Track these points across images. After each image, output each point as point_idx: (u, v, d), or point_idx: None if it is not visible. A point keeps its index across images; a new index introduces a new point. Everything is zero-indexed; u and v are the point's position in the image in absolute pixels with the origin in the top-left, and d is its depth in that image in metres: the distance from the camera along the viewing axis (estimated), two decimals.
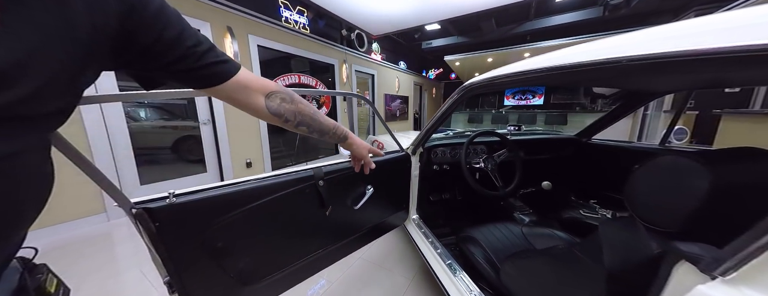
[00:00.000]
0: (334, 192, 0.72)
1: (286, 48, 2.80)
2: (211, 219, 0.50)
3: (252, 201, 0.55)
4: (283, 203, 0.61)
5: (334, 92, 0.91)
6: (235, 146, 2.38)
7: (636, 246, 0.38)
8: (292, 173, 0.64)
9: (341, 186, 0.75)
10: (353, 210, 0.79)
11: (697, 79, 0.72)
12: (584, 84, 0.70)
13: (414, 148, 1.05)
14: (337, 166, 0.73)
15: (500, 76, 0.60)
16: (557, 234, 0.84)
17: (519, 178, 1.07)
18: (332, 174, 0.71)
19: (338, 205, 0.75)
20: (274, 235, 0.62)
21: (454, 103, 0.82)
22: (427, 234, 1.01)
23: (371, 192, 0.83)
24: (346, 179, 0.76)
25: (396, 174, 1.00)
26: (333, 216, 0.74)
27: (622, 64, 0.37)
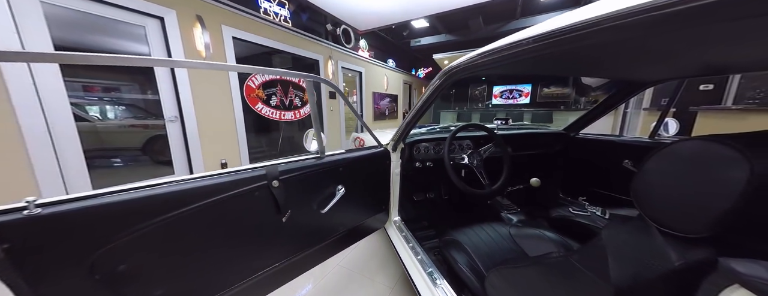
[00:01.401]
0: (293, 195, 0.61)
1: (266, 41, 2.64)
2: (109, 235, 0.37)
3: (176, 209, 0.43)
4: (223, 209, 0.49)
5: (291, 73, 0.74)
6: (208, 145, 2.20)
7: (650, 257, 0.30)
8: (237, 172, 0.52)
9: (303, 186, 0.64)
10: (320, 214, 0.68)
11: (687, 66, 0.66)
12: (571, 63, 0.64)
13: (394, 143, 0.95)
14: (297, 164, 0.61)
15: (483, 52, 0.51)
16: (547, 235, 0.77)
17: (506, 175, 1.00)
18: (290, 174, 0.60)
19: (300, 209, 0.64)
20: (210, 250, 0.50)
21: (435, 91, 0.72)
22: (408, 238, 0.91)
23: (342, 192, 0.73)
24: (310, 178, 0.65)
25: (373, 173, 0.90)
26: (293, 223, 0.62)
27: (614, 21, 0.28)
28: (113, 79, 1.88)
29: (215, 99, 2.24)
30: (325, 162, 0.68)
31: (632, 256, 0.31)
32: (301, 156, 0.67)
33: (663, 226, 0.28)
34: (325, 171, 0.66)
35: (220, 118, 2.28)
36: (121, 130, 1.97)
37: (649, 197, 0.30)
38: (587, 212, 0.99)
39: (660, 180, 0.30)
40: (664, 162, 0.30)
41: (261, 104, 2.70)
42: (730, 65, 0.67)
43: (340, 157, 0.73)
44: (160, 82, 1.89)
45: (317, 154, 0.69)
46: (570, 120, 1.35)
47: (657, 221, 0.29)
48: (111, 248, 0.37)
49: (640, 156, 1.12)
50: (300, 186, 0.63)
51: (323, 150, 0.69)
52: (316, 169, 0.64)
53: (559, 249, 0.71)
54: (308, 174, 0.64)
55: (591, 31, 0.31)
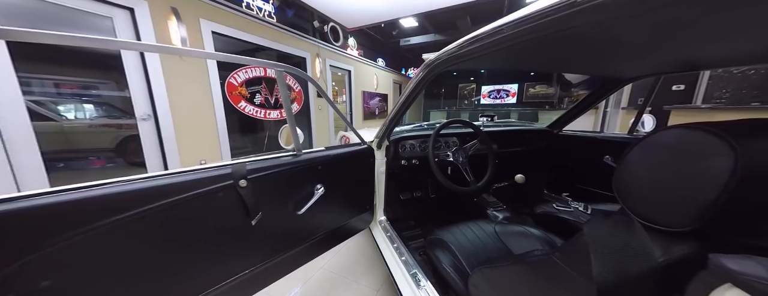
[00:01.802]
0: (265, 195, 0.56)
1: (249, 37, 2.54)
2: (31, 244, 0.32)
3: (118, 213, 0.38)
4: (180, 213, 0.44)
5: (257, 61, 0.65)
6: (186, 145, 2.08)
7: (633, 253, 0.28)
8: (197, 171, 0.47)
9: (277, 186, 0.59)
10: (297, 215, 0.64)
11: (664, 62, 0.67)
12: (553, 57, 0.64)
13: (378, 140, 0.92)
14: (270, 162, 0.57)
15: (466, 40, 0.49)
16: (531, 232, 0.76)
17: (491, 172, 0.99)
18: (261, 173, 0.55)
19: (274, 211, 0.59)
20: (165, 259, 0.45)
21: (419, 84, 0.69)
22: (393, 239, 0.88)
23: (322, 192, 0.69)
24: (285, 177, 0.60)
25: (356, 171, 0.86)
26: (265, 226, 0.57)
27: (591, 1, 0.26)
28: (83, 75, 1.74)
29: (193, 96, 2.12)
30: (302, 161, 0.64)
31: (614, 252, 0.30)
32: (275, 154, 0.62)
33: (646, 220, 0.27)
34: (302, 169, 0.61)
35: (199, 117, 2.17)
36: (92, 130, 1.84)
37: (631, 190, 0.29)
38: (570, 208, 1.00)
39: (642, 172, 0.28)
40: (646, 153, 0.28)
41: (244, 102, 2.60)
42: (705, 61, 0.68)
43: (319, 155, 0.69)
44: (130, 76, 1.76)
45: (293, 152, 0.64)
46: (554, 119, 1.37)
47: (640, 215, 0.27)
48: (31, 260, 0.32)
49: (620, 152, 1.16)
50: (273, 186, 0.58)
51: (300, 148, 0.65)
52: (292, 168, 0.59)
53: (543, 245, 0.71)
54: (283, 173, 0.59)
55: (570, 13, 0.29)
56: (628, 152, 0.30)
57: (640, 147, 0.29)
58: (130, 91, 1.78)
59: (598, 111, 4.33)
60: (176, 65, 1.97)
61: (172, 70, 1.94)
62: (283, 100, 0.59)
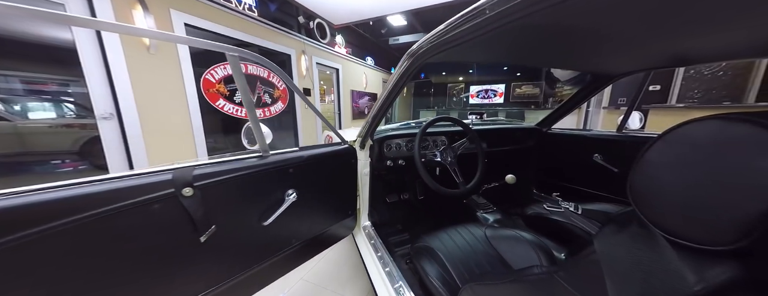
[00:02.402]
0: (219, 205, 0.47)
1: (228, 31, 2.39)
2: None
3: (12, 232, 0.28)
4: (100, 233, 0.35)
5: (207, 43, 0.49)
6: (155, 147, 1.91)
7: (659, 278, 0.22)
8: (125, 178, 0.38)
9: (236, 194, 0.51)
10: (262, 227, 0.55)
11: (652, 57, 0.66)
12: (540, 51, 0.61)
13: (361, 140, 0.84)
14: (226, 165, 0.48)
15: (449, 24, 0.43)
16: (523, 236, 0.72)
17: (481, 172, 0.94)
18: (214, 179, 0.46)
19: (232, 223, 0.50)
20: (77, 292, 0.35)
21: (402, 77, 0.63)
22: (378, 247, 0.81)
23: (293, 198, 0.60)
24: (247, 183, 0.51)
25: (336, 173, 0.78)
26: (221, 242, 0.48)
27: None
28: (38, 70, 1.55)
29: (163, 93, 1.96)
30: (268, 163, 0.55)
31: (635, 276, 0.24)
32: (234, 156, 0.53)
33: (673, 235, 0.21)
34: (268, 173, 0.53)
35: (171, 116, 2.01)
36: (53, 131, 1.65)
37: (651, 197, 0.23)
38: (561, 208, 0.97)
39: (666, 174, 0.23)
40: (671, 151, 0.23)
41: (223, 100, 2.44)
42: (695, 55, 0.67)
43: (290, 156, 0.60)
44: (88, 69, 1.59)
45: (259, 153, 0.56)
46: (540, 118, 1.36)
47: (664, 228, 0.22)
48: None
49: (610, 150, 1.16)
50: (231, 194, 0.49)
51: (266, 148, 0.56)
52: (256, 171, 0.51)
53: (535, 251, 0.66)
54: (244, 178, 0.51)
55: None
56: (647, 149, 0.25)
57: (663, 143, 0.24)
58: (88, 86, 1.60)
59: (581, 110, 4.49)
60: (143, 59, 1.81)
61: (139, 64, 1.77)
62: (241, 91, 0.50)
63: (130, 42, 1.73)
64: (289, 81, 0.59)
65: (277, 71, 0.55)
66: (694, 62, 0.70)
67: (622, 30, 0.42)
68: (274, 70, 0.54)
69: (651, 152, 0.25)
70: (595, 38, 0.52)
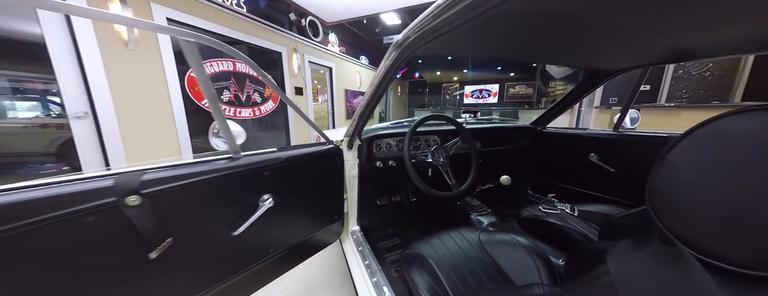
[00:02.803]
0: (176, 215, 0.41)
1: (213, 27, 2.30)
2: None
3: None
4: (15, 254, 0.28)
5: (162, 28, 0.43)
6: (135, 148, 1.82)
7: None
8: (58, 184, 0.31)
9: (197, 201, 0.45)
10: (231, 237, 0.49)
11: (651, 52, 0.63)
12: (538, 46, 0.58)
13: (348, 139, 0.79)
14: (184, 169, 0.42)
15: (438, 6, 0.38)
16: (518, 241, 0.67)
17: (475, 174, 0.89)
18: (168, 184, 0.40)
19: (194, 235, 0.44)
20: None
21: (390, 70, 0.57)
22: (366, 254, 0.75)
23: (270, 204, 0.55)
24: (212, 188, 0.46)
25: (321, 176, 0.73)
26: (180, 257, 0.42)
27: None
28: (5, 67, 1.44)
29: (144, 91, 1.86)
30: (239, 165, 0.50)
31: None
32: (200, 158, 0.47)
33: (707, 255, 0.17)
34: (239, 176, 0.47)
35: (153, 115, 1.91)
36: (28, 131, 1.54)
37: (678, 207, 0.19)
38: (557, 210, 0.94)
39: (698, 179, 0.19)
40: (702, 152, 0.19)
41: None
42: (695, 50, 0.64)
43: (265, 158, 0.55)
44: (58, 65, 1.49)
45: (229, 155, 0.50)
46: (534, 117, 1.33)
47: (696, 246, 0.18)
48: None
49: (606, 150, 1.14)
50: (193, 201, 0.43)
51: (236, 149, 0.50)
52: (225, 175, 0.45)
53: (532, 257, 0.62)
54: (210, 183, 0.45)
55: None
56: (670, 150, 0.20)
57: (692, 142, 0.20)
58: (58, 83, 1.50)
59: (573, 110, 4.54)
60: (121, 55, 1.71)
61: (116, 60, 1.68)
62: (200, 83, 0.44)
63: (106, 37, 1.63)
64: (260, 70, 0.53)
65: (246, 60, 0.49)
66: (694, 57, 0.67)
67: (621, 22, 0.40)
68: (243, 59, 0.48)
69: (675, 153, 0.21)
70: (592, 32, 0.49)
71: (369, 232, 0.91)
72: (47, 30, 1.44)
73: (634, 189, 0.95)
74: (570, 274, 0.56)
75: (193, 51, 0.41)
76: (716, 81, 2.92)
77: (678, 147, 0.21)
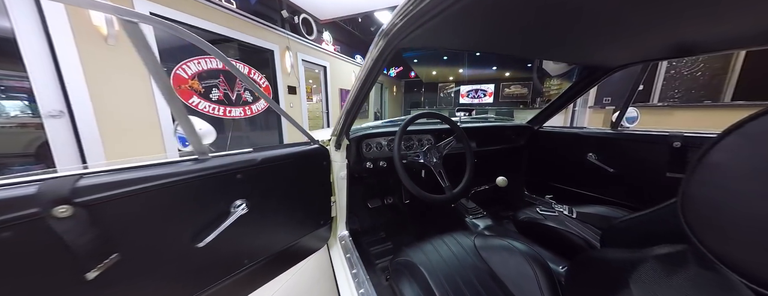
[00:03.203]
0: (124, 227, 0.35)
1: (201, 23, 2.22)
2: None
3: None
4: None
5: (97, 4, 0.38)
6: (117, 149, 1.73)
7: None
8: None
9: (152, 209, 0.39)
10: (196, 249, 0.43)
11: (653, 46, 0.61)
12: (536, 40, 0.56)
13: (336, 139, 0.74)
14: (136, 173, 0.36)
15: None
16: (515, 247, 0.63)
17: (469, 175, 0.85)
18: (112, 191, 0.34)
19: (147, 249, 0.39)
20: None
21: (377, 62, 0.52)
22: (353, 262, 0.70)
23: (244, 210, 0.49)
24: (171, 194, 0.40)
25: (304, 178, 0.68)
26: (127, 275, 0.36)
27: None
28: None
29: (126, 89, 1.78)
30: (206, 168, 0.44)
31: None
32: (163, 158, 0.42)
33: (759, 282, 0.13)
34: (206, 180, 0.42)
35: (135, 114, 1.82)
36: (4, 131, 1.46)
37: (724, 222, 0.15)
38: (554, 212, 0.91)
39: (751, 187, 0.14)
40: (755, 150, 0.14)
41: (197, 98, 2.26)
42: (699, 44, 0.61)
43: (238, 159, 0.49)
44: (30, 60, 1.40)
45: (194, 156, 0.45)
46: (529, 117, 1.29)
47: (750, 274, 0.13)
48: None
49: (604, 149, 1.11)
50: (147, 210, 0.38)
51: (203, 149, 0.45)
52: (188, 179, 0.40)
53: (530, 263, 0.58)
54: (169, 188, 0.39)
55: None
56: (710, 149, 0.16)
57: (743, 137, 0.15)
58: (30, 79, 1.41)
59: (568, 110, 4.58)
60: (100, 51, 1.63)
61: (95, 56, 1.59)
62: (151, 72, 0.39)
63: (83, 31, 1.55)
64: (225, 59, 0.48)
65: (210, 49, 0.43)
66: (697, 52, 0.64)
67: (622, 14, 0.38)
68: (209, 48, 0.43)
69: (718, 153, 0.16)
70: (592, 24, 0.46)
71: (359, 237, 0.87)
72: (17, 23, 1.35)
73: (634, 190, 0.92)
74: (572, 285, 0.52)
75: (137, 33, 0.36)
76: (707, 81, 2.96)
77: (721, 145, 0.16)
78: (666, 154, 0.79)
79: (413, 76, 7.15)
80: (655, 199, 0.45)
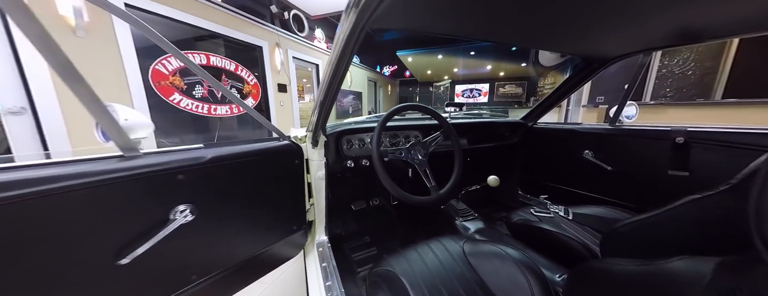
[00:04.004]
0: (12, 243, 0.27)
1: (182, 16, 2.11)
2: None
3: None
4: None
5: None
6: (83, 145, 1.61)
7: None
8: None
9: (55, 220, 0.31)
10: (121, 267, 0.35)
11: (655, 34, 0.56)
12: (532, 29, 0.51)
13: (312, 135, 0.66)
14: (27, 172, 0.28)
15: None
16: (508, 254, 0.57)
17: (458, 174, 0.78)
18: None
19: (47, 270, 0.31)
20: None
21: (350, 37, 0.42)
22: (329, 272, 0.63)
23: (188, 217, 0.41)
24: (84, 200, 0.32)
25: (272, 178, 0.60)
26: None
27: None
28: None
29: (98, 85, 1.65)
30: (136, 167, 0.37)
31: None
32: (79, 155, 0.34)
33: None
34: (136, 182, 0.34)
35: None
36: None
37: None
38: (550, 213, 0.85)
39: None
40: None
41: (179, 95, 2.16)
42: (701, 31, 0.57)
43: (181, 157, 0.42)
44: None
45: (119, 153, 0.37)
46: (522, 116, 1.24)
47: None
48: None
49: (602, 146, 1.06)
50: (42, 221, 0.30)
51: (131, 145, 0.37)
52: (111, 180, 0.32)
53: (524, 273, 0.52)
54: (84, 192, 0.32)
55: None
56: None
57: None
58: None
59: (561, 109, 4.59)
60: (69, 44, 1.52)
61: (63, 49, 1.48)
62: (49, 61, 0.31)
63: (48, 22, 1.43)
64: (175, 50, 0.40)
65: (152, 34, 0.36)
66: (702, 39, 0.59)
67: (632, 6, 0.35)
68: (150, 33, 0.35)
69: None
70: (589, 9, 0.42)
71: (342, 242, 0.79)
72: None
73: (633, 189, 0.87)
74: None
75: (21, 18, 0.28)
76: (698, 80, 2.98)
77: None
78: (667, 151, 0.74)
79: (408, 75, 7.10)
80: (656, 199, 0.39)
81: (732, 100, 2.67)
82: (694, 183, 0.70)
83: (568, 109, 4.57)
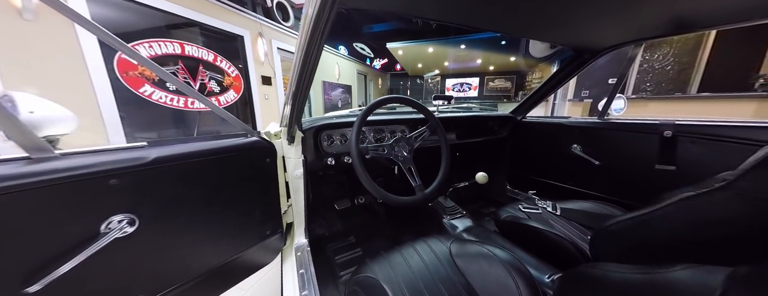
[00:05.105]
0: None
1: (155, 1, 1.92)
2: None
3: None
4: None
5: None
6: None
7: None
8: None
9: None
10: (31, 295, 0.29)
11: (649, 22, 0.54)
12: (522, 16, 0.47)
13: (287, 130, 0.60)
14: None
15: None
16: (496, 255, 0.54)
17: (445, 172, 0.73)
18: None
19: None
20: None
21: (321, 14, 0.36)
22: (307, 280, 0.58)
23: (128, 229, 0.35)
24: None
25: (238, 179, 0.54)
26: None
27: None
28: None
29: (51, 74, 1.50)
30: (49, 171, 0.30)
31: None
32: None
33: None
34: (50, 189, 0.27)
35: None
36: None
37: None
38: (538, 208, 0.84)
39: None
40: None
41: (150, 87, 2.00)
42: (693, 19, 0.55)
43: (115, 158, 0.35)
44: None
45: (25, 155, 0.30)
46: None
47: None
48: None
49: (590, 140, 1.05)
50: None
51: (42, 145, 0.30)
52: (13, 188, 0.25)
53: (512, 275, 0.49)
54: None
55: None
56: None
57: None
58: None
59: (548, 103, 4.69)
60: (13, 27, 1.35)
61: (5, 33, 1.31)
62: None
63: (3, 11, 1.26)
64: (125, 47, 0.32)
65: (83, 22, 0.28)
66: (696, 28, 0.57)
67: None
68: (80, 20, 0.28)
69: None
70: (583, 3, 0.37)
71: (325, 244, 0.74)
72: None
73: (621, 184, 0.87)
74: None
75: None
76: (676, 75, 3.09)
77: None
78: (655, 145, 0.74)
79: (399, 68, 7.00)
80: (644, 194, 0.37)
81: (706, 94, 2.79)
82: (681, 178, 0.70)
83: (554, 103, 4.67)
